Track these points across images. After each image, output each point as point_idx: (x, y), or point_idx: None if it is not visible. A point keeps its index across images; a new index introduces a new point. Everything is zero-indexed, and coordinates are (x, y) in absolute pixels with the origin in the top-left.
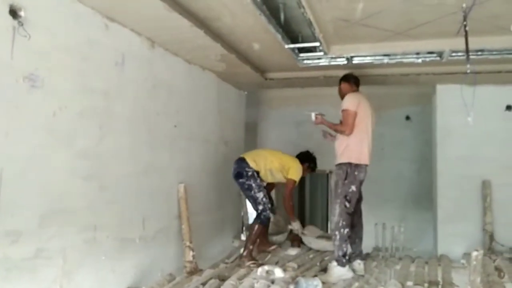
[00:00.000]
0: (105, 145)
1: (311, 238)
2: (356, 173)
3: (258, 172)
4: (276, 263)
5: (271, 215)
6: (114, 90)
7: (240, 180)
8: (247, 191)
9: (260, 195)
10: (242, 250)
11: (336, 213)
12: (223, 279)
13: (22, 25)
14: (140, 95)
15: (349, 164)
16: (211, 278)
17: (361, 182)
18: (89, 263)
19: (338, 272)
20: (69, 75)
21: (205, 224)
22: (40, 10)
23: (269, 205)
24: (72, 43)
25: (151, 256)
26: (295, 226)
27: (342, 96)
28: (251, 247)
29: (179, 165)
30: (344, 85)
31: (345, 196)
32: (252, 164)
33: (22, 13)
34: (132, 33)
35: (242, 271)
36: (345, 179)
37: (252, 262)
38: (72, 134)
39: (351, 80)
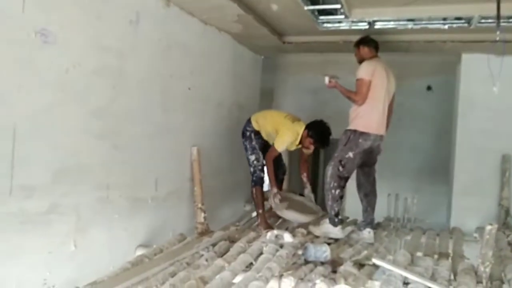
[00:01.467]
0: (118, 104)
1: (285, 210)
2: (360, 140)
3: (257, 133)
4: (286, 229)
5: (262, 175)
6: (128, 49)
7: (242, 139)
8: (244, 151)
9: (252, 157)
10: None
11: (328, 175)
12: (233, 241)
13: None
14: (154, 56)
15: (354, 131)
16: (221, 240)
17: (365, 151)
18: (102, 221)
19: (327, 228)
20: (82, 32)
21: (217, 187)
22: None
23: (259, 167)
24: None
25: (163, 217)
26: (271, 192)
27: (361, 61)
28: (260, 211)
29: (192, 127)
30: (364, 50)
31: (340, 161)
32: (253, 123)
33: None
34: None
35: (252, 234)
36: (345, 144)
37: (268, 230)
38: (85, 92)
39: (371, 44)
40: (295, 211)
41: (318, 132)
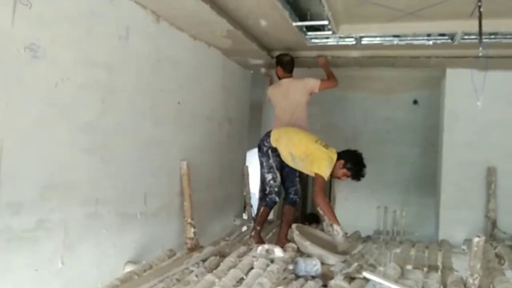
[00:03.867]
0: (107, 119)
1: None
2: None
3: (275, 150)
4: (276, 243)
5: (277, 199)
6: (118, 63)
7: (258, 153)
8: (260, 167)
9: (268, 176)
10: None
11: None
12: (223, 256)
13: None
14: (144, 70)
15: None
16: (211, 255)
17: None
18: (90, 237)
19: None
20: (71, 47)
21: (207, 201)
22: None
23: (276, 189)
24: (75, 14)
25: (152, 232)
26: (339, 231)
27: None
28: (258, 228)
29: (182, 142)
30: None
31: None
32: (272, 139)
33: None
34: (137, 6)
35: (242, 248)
36: None
37: (259, 244)
38: (74, 106)
39: (282, 64)
40: (323, 248)
41: (356, 164)
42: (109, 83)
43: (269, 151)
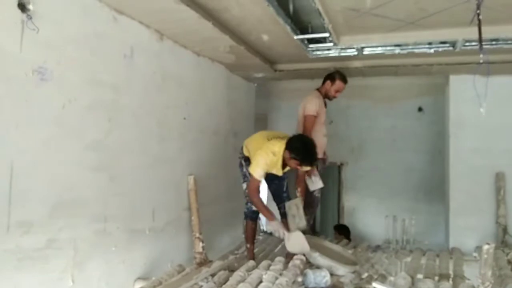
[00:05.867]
0: (114, 137)
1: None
2: None
3: (247, 159)
4: (286, 256)
5: (254, 207)
6: (123, 83)
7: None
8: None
9: (244, 186)
10: None
11: None
12: (232, 270)
13: (30, 18)
14: (149, 88)
15: None
16: (220, 270)
17: None
18: (99, 254)
19: None
20: (77, 68)
21: (214, 215)
22: (48, 3)
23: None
24: (80, 35)
25: (161, 247)
26: (273, 226)
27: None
28: (248, 245)
29: (188, 157)
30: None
31: None
32: (244, 149)
33: (30, 7)
34: (141, 26)
35: (251, 262)
36: None
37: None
38: (81, 126)
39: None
40: (330, 258)
41: (298, 149)
42: (115, 102)
43: (242, 161)
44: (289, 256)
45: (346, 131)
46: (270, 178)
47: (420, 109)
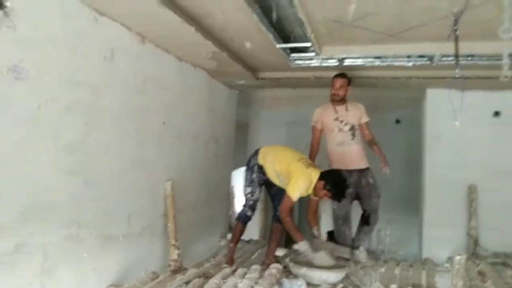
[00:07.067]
0: (91, 140)
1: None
2: None
3: (261, 167)
4: (262, 264)
5: (249, 213)
6: (102, 84)
7: (245, 168)
8: (243, 181)
9: (247, 189)
10: None
11: (376, 209)
12: (207, 277)
13: (7, 15)
14: (129, 91)
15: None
16: (195, 277)
17: None
18: (70, 260)
19: None
20: (55, 68)
21: (191, 222)
22: (26, 0)
23: (250, 203)
24: (59, 35)
25: (135, 254)
26: (302, 247)
27: (343, 96)
28: (231, 245)
29: (167, 162)
30: (350, 89)
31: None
32: (260, 157)
33: (8, 4)
34: (122, 28)
35: (227, 270)
36: (375, 180)
37: (228, 265)
38: (57, 128)
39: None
40: (319, 268)
41: (336, 185)
42: (93, 104)
43: (255, 167)
44: (265, 264)
45: (324, 141)
46: (272, 184)
47: (397, 121)
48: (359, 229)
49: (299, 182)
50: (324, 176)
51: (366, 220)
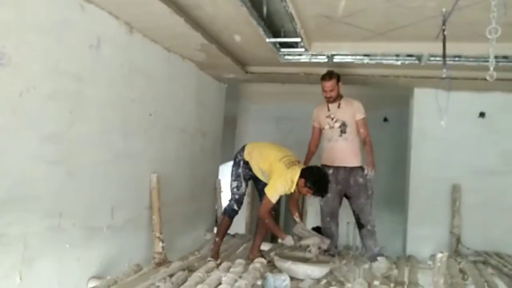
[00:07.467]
0: (75, 130)
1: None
2: None
3: (247, 163)
4: (247, 258)
5: (235, 207)
6: (87, 73)
7: (232, 164)
8: (230, 176)
9: (233, 184)
10: None
11: (371, 212)
12: (191, 271)
13: None
14: (115, 81)
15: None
16: (179, 270)
17: None
18: (51, 251)
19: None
20: (39, 55)
21: (177, 215)
22: None
23: (236, 197)
24: (43, 22)
25: (119, 246)
26: (287, 242)
27: (337, 96)
28: (217, 239)
29: (153, 154)
30: (341, 85)
31: (372, 195)
32: (246, 153)
33: None
34: (110, 16)
35: (211, 263)
36: (368, 180)
37: (213, 259)
38: (39, 116)
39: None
40: (304, 262)
41: (316, 182)
42: (77, 93)
43: (241, 162)
44: (250, 259)
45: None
46: (258, 178)
47: (385, 120)
48: (360, 236)
49: (277, 184)
50: (304, 173)
51: (358, 222)
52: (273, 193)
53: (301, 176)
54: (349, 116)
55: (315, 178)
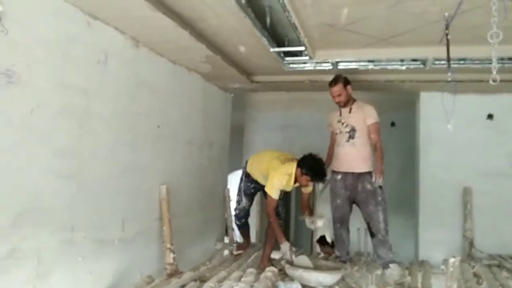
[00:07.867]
0: (85, 144)
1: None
2: None
3: (248, 175)
4: (258, 267)
5: (237, 222)
6: (95, 88)
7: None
8: None
9: (236, 198)
10: None
11: (383, 219)
12: (203, 281)
13: None
14: (122, 95)
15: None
16: (191, 281)
17: None
18: (64, 265)
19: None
20: (48, 72)
21: (187, 226)
22: (18, 4)
23: (236, 212)
24: (51, 39)
25: (130, 258)
26: (284, 247)
27: (348, 100)
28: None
29: (161, 166)
30: (350, 89)
31: (385, 202)
32: (248, 165)
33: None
34: (116, 32)
35: (222, 273)
36: (379, 186)
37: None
38: (50, 132)
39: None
40: (315, 270)
41: (310, 167)
42: (86, 108)
43: (243, 176)
44: (260, 268)
45: (320, 145)
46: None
47: (392, 124)
48: (372, 245)
49: (274, 179)
50: (299, 163)
51: (369, 231)
52: (271, 189)
53: (297, 166)
54: (359, 121)
55: (310, 163)
